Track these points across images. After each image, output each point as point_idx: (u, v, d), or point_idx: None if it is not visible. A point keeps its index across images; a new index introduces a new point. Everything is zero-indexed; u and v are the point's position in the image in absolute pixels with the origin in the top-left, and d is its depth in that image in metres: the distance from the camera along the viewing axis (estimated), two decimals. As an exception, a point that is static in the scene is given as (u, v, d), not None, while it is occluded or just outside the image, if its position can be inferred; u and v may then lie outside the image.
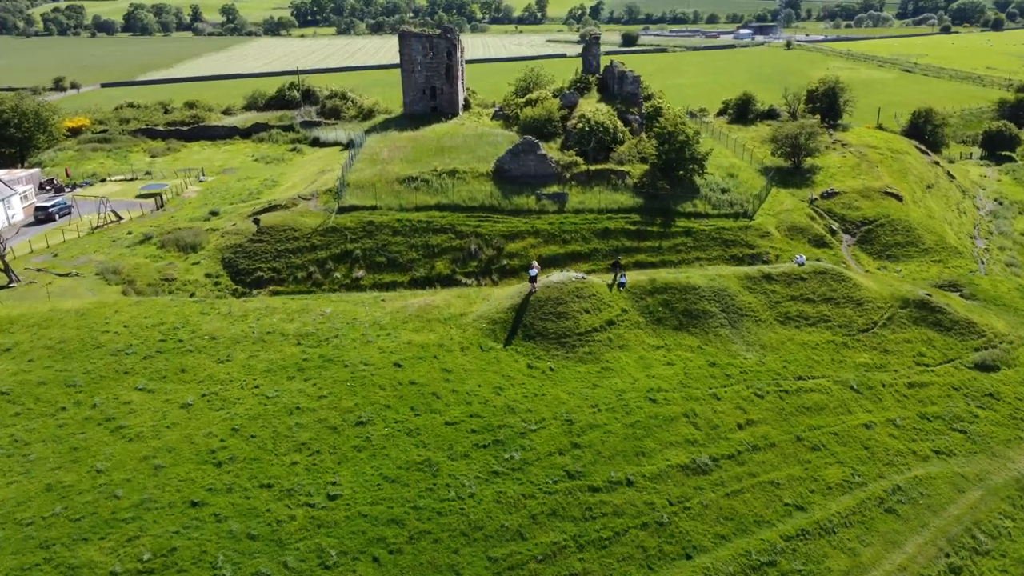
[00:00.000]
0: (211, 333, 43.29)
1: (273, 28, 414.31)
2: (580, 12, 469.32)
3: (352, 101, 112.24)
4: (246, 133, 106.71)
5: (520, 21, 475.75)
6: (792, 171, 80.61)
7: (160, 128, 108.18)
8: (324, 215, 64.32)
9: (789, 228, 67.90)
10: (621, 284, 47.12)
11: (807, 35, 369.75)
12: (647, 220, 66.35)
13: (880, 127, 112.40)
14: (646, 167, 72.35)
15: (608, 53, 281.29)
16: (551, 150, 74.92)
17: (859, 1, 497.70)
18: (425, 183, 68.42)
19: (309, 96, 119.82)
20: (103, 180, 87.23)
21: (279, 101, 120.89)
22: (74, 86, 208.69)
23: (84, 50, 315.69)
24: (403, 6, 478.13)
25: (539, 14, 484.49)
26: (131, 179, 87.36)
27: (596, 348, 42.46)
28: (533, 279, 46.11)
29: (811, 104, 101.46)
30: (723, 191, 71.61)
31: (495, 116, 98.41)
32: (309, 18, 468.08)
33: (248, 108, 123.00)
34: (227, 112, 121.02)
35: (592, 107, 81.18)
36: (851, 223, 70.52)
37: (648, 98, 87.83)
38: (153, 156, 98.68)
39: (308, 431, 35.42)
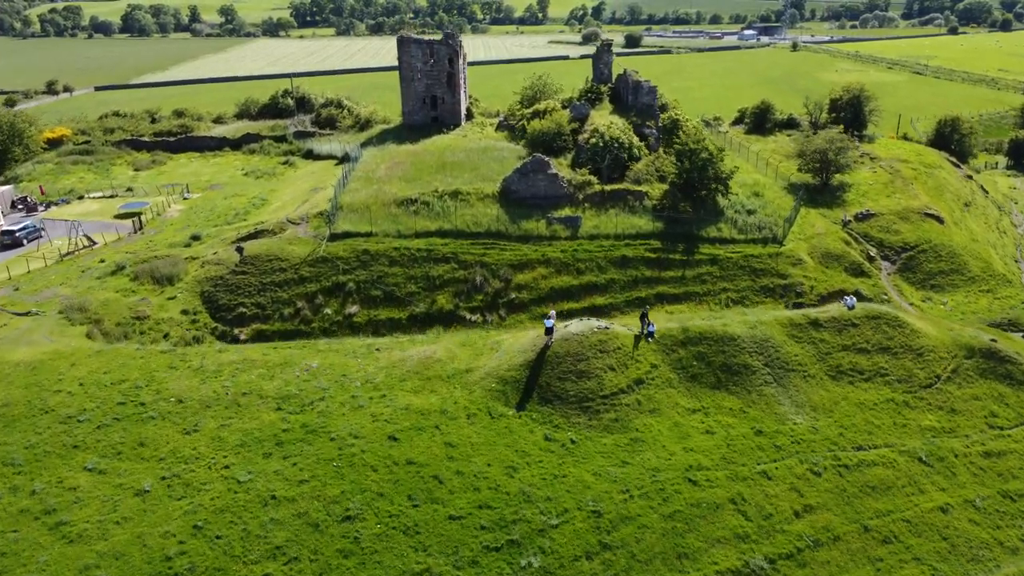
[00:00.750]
0: (178, 394, 37.46)
1: (272, 29, 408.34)
2: (582, 12, 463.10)
3: (348, 110, 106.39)
4: (236, 144, 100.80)
5: (521, 22, 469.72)
6: (820, 188, 74.74)
7: (146, 139, 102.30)
8: (314, 243, 58.50)
9: (823, 255, 62.06)
10: (650, 334, 41.30)
11: (812, 36, 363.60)
12: (668, 247, 60.58)
13: (905, 137, 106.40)
14: (665, 187, 66.55)
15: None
16: (562, 167, 69.11)
17: (864, 1, 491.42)
18: (425, 206, 62.59)
19: (303, 104, 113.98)
20: (81, 197, 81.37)
21: (272, 109, 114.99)
22: (67, 89, 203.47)
23: (80, 52, 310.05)
24: (403, 7, 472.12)
25: (540, 14, 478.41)
26: (111, 196, 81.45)
27: (624, 413, 36.64)
28: (549, 331, 40.25)
29: (834, 113, 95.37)
30: (749, 212, 65.81)
31: (500, 127, 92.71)
32: (308, 19, 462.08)
33: (240, 116, 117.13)
34: (218, 120, 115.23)
35: (605, 120, 75.37)
36: (890, 248, 64.66)
37: (663, 108, 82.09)
38: (137, 170, 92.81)
39: (285, 530, 29.60)
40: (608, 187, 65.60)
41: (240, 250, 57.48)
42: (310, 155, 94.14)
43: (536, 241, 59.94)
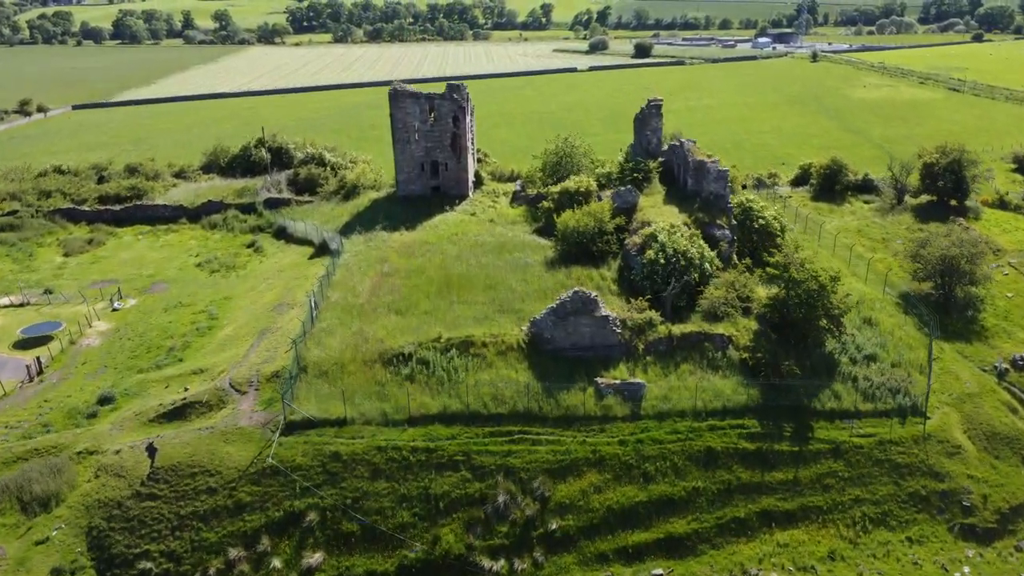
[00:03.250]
0: None
1: (267, 35, 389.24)
2: (586, 17, 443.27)
3: (332, 168, 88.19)
4: (195, 215, 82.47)
5: (524, 27, 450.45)
6: (942, 303, 56.77)
7: (86, 208, 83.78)
8: (261, 436, 40.20)
9: (986, 435, 44.08)
10: None
11: (830, 44, 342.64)
12: (771, 430, 42.50)
13: (1001, 203, 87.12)
14: (752, 324, 48.39)
15: (620, 67, 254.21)
16: (607, 291, 50.97)
17: (879, 5, 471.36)
18: (424, 367, 44.18)
19: (280, 157, 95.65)
20: (-18, 305, 63.21)
21: (244, 162, 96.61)
22: (41, 110, 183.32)
23: (67, 62, 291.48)
24: (403, 11, 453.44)
25: (544, 19, 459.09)
26: (21, 304, 63.12)
27: None
28: None
29: (928, 180, 77.12)
30: (868, 359, 47.75)
31: (515, 199, 74.92)
32: (305, 24, 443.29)
33: (207, 169, 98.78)
34: (179, 175, 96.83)
35: (661, 215, 57.16)
36: (1073, 419, 46.65)
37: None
38: (67, 254, 74.38)
39: None
40: (677, 329, 47.20)
41: (152, 452, 39.22)
42: (283, 233, 75.98)
43: (582, 424, 41.78)
